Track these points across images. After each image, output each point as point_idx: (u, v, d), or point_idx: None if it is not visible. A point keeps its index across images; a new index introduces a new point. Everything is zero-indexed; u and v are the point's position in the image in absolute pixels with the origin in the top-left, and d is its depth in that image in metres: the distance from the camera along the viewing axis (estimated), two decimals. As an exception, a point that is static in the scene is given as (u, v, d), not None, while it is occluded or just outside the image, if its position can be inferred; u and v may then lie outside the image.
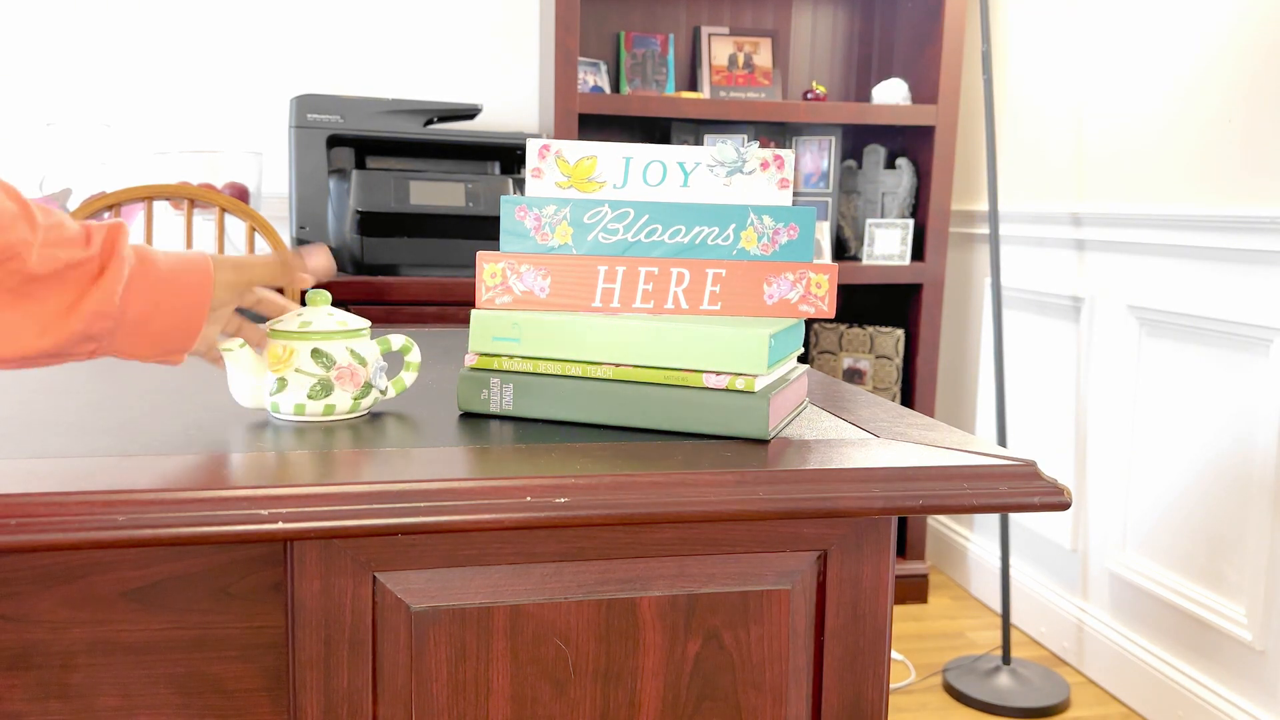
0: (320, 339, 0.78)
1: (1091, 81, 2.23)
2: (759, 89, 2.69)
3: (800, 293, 0.80)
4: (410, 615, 0.69)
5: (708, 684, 0.74)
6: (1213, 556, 1.87)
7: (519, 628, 0.70)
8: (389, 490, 0.63)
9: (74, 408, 0.82)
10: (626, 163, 0.81)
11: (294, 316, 0.79)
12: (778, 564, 0.74)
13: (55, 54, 2.45)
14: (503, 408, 0.81)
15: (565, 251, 0.81)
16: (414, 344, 0.86)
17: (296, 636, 0.67)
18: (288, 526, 0.61)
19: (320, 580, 0.67)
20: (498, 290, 0.81)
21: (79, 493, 0.60)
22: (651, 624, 0.72)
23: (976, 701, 2.05)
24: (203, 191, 1.97)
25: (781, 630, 0.74)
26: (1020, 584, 2.44)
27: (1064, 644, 2.27)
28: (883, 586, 0.75)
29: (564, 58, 2.31)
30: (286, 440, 0.73)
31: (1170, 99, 1.99)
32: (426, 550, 0.68)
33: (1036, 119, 2.43)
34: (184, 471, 0.65)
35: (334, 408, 0.79)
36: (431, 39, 2.61)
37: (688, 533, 0.72)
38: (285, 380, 0.78)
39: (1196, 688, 1.89)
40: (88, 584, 0.66)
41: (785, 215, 0.80)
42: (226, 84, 2.53)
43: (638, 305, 0.80)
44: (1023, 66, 2.48)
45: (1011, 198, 2.51)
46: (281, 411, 0.79)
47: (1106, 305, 2.16)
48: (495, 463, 0.68)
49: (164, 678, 0.67)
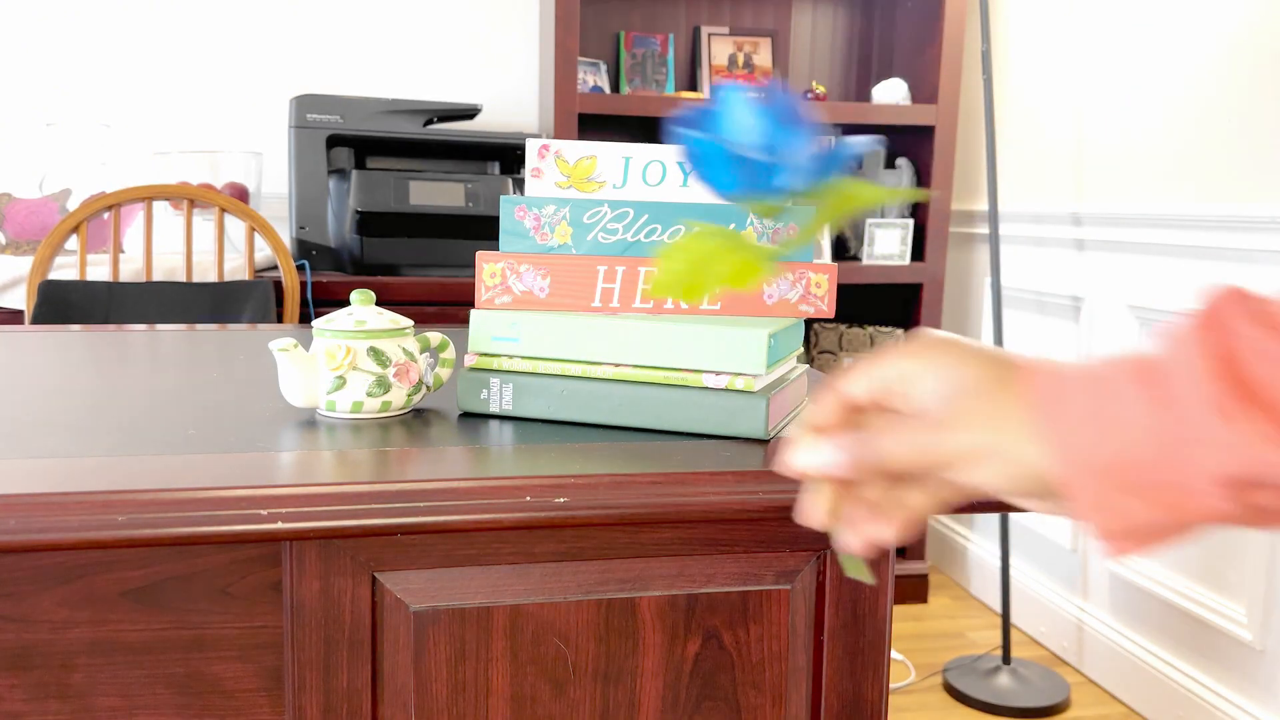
0: (377, 337, 0.79)
1: (1091, 81, 2.23)
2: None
3: (800, 292, 0.80)
4: (410, 615, 0.68)
5: (707, 684, 0.73)
6: (1213, 556, 1.87)
7: (519, 627, 0.70)
8: (388, 490, 0.63)
9: (73, 408, 0.82)
10: (626, 162, 0.81)
11: (347, 316, 0.80)
12: (777, 564, 0.74)
13: (55, 54, 2.45)
14: (502, 408, 0.81)
15: (565, 251, 0.81)
16: (450, 341, 0.87)
17: (296, 637, 0.67)
18: (287, 526, 0.61)
19: (320, 580, 0.67)
20: (497, 290, 0.81)
21: (78, 493, 0.60)
22: (651, 624, 0.72)
23: (976, 701, 2.05)
24: (202, 192, 1.97)
25: (781, 630, 0.74)
26: (1020, 584, 2.44)
27: (1064, 644, 2.27)
28: (883, 586, 0.75)
29: (564, 58, 2.31)
30: (343, 438, 0.73)
31: (1170, 98, 1.99)
32: (426, 550, 0.68)
33: (1036, 119, 2.43)
34: (183, 471, 0.64)
35: (390, 404, 0.80)
36: (431, 39, 2.61)
37: (687, 532, 0.72)
38: (344, 379, 0.79)
39: (1196, 687, 1.89)
40: (87, 584, 0.66)
41: (785, 215, 0.80)
42: (226, 84, 2.53)
43: (637, 305, 0.80)
44: (1023, 66, 2.48)
45: (1011, 197, 2.51)
46: (338, 410, 0.79)
47: (1106, 305, 2.16)
48: (495, 462, 0.68)
49: (163, 678, 0.67)
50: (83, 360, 1.04)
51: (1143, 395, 0.46)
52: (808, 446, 0.53)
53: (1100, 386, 0.48)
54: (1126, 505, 0.47)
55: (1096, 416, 0.47)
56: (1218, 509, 0.46)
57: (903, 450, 0.51)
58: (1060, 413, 0.48)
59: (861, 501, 0.55)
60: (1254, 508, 0.46)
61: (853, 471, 0.52)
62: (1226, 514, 0.46)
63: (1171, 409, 0.46)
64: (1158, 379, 0.46)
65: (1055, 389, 0.49)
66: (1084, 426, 0.48)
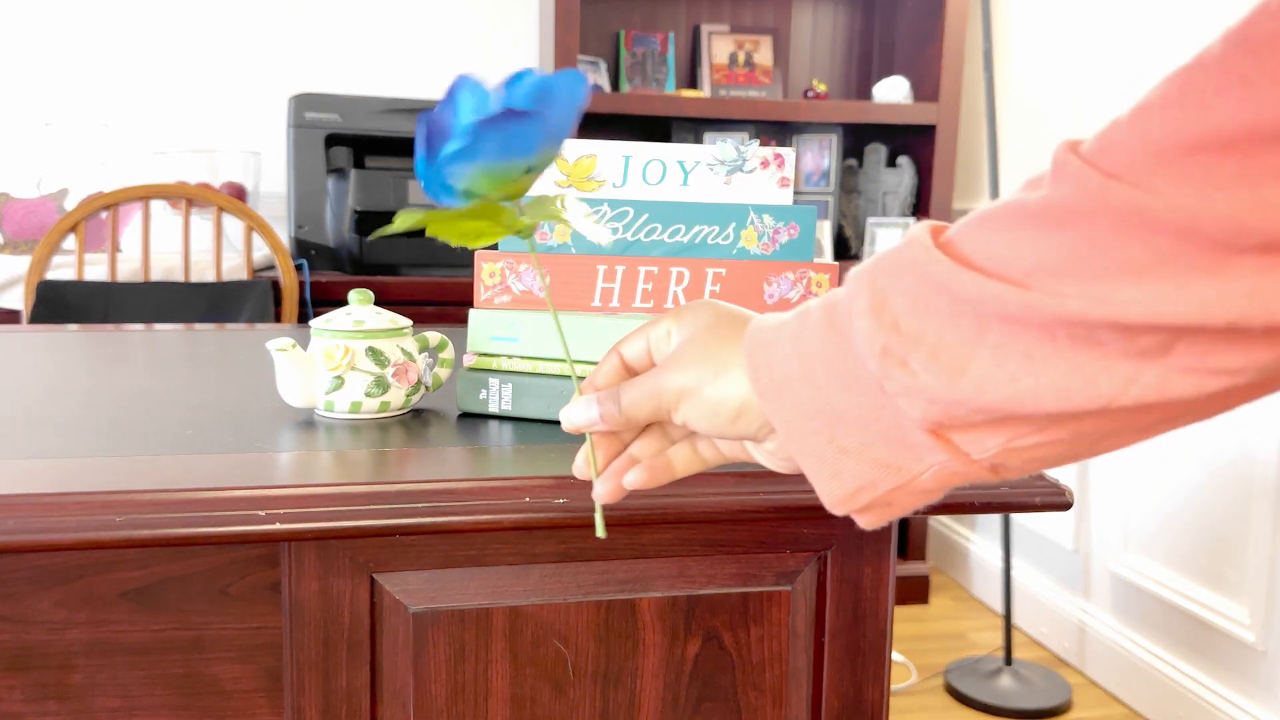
0: (375, 337, 0.79)
1: (1094, 79, 2.23)
2: (759, 87, 2.69)
3: (801, 292, 0.80)
4: (409, 616, 0.68)
5: (708, 685, 0.73)
6: (1214, 557, 1.87)
7: (518, 629, 0.70)
8: (387, 491, 0.63)
9: (72, 407, 0.82)
10: (626, 161, 0.81)
11: (345, 315, 0.80)
12: (778, 564, 0.73)
13: (53, 54, 2.45)
14: (501, 408, 0.80)
15: (564, 251, 0.81)
16: (448, 341, 0.87)
17: (295, 638, 0.67)
18: (285, 527, 0.61)
19: (318, 581, 0.67)
20: (496, 290, 0.81)
21: (76, 493, 0.60)
22: (651, 625, 0.72)
23: (978, 703, 2.04)
24: (200, 191, 1.97)
25: (782, 631, 0.74)
26: (1022, 585, 2.43)
27: (1066, 645, 2.27)
28: (883, 587, 0.75)
29: (563, 56, 2.30)
30: (341, 439, 0.73)
31: (1171, 98, 1.99)
32: (425, 551, 0.68)
33: (1039, 117, 2.42)
34: (182, 472, 0.64)
35: (389, 404, 0.80)
36: (430, 37, 2.61)
37: (687, 533, 0.71)
38: (342, 379, 0.78)
39: (1198, 689, 1.89)
40: (86, 584, 0.65)
41: (786, 214, 0.80)
42: (224, 83, 2.52)
43: (637, 305, 0.80)
44: (1024, 64, 2.48)
45: (1012, 197, 2.51)
46: (336, 410, 0.79)
47: (1107, 304, 2.15)
48: (494, 463, 0.68)
49: (162, 678, 0.67)
50: (80, 360, 1.04)
51: (829, 338, 0.48)
52: (575, 403, 0.57)
53: (800, 327, 0.49)
54: (841, 464, 0.48)
55: (794, 357, 0.49)
56: (933, 462, 0.46)
57: (635, 395, 0.55)
58: (765, 353, 0.50)
59: (629, 456, 0.58)
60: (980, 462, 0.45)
61: (610, 423, 0.56)
62: (952, 470, 0.46)
63: (849, 357, 0.46)
64: (838, 322, 0.47)
65: (766, 332, 0.51)
66: (784, 364, 0.49)
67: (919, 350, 0.44)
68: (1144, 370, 0.40)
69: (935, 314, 0.44)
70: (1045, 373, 0.41)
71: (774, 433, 0.52)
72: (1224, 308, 0.37)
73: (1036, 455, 0.45)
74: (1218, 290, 0.37)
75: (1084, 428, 0.43)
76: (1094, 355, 0.40)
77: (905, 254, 0.46)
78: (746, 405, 0.51)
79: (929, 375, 0.44)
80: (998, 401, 0.43)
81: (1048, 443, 0.44)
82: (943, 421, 0.45)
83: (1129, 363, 0.40)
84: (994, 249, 0.43)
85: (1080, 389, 0.41)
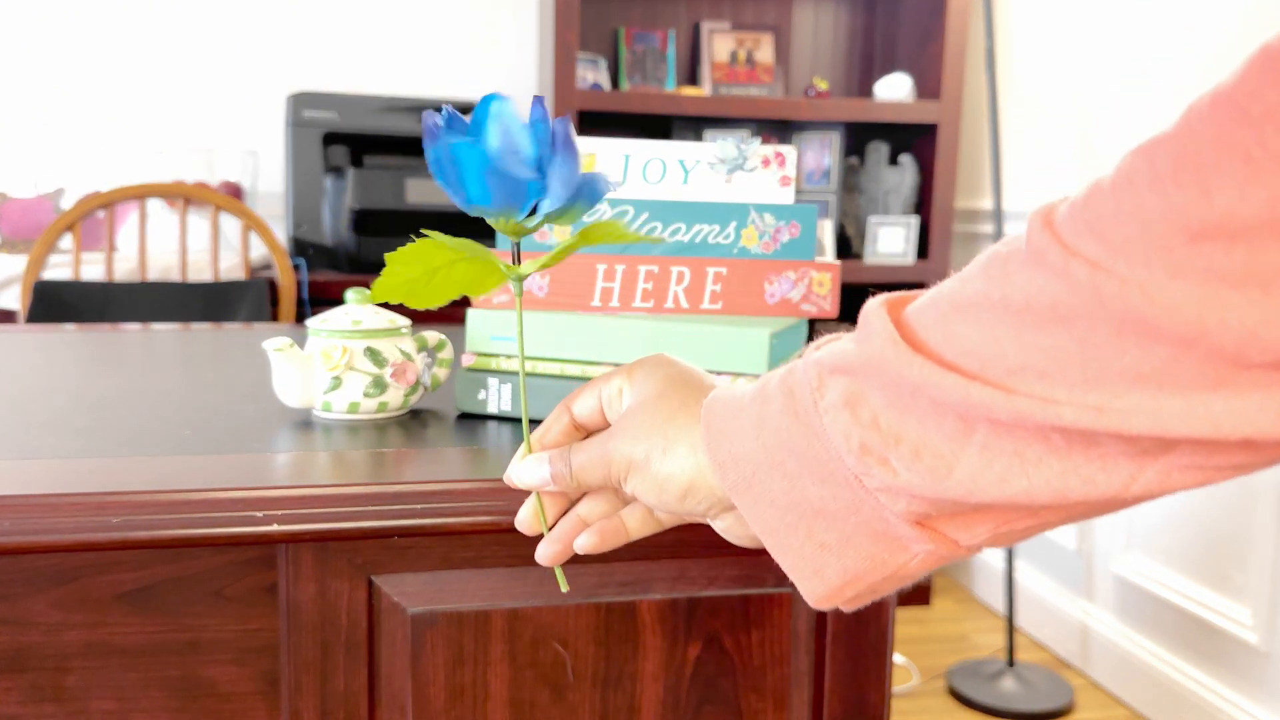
0: (373, 337, 0.79)
1: (1097, 77, 2.22)
2: (760, 85, 2.68)
3: (802, 292, 0.79)
4: (407, 618, 0.68)
5: (708, 688, 0.73)
6: (1218, 558, 1.86)
7: (517, 631, 0.69)
8: (385, 492, 0.62)
9: (67, 408, 0.82)
10: (626, 160, 0.80)
11: (343, 315, 0.79)
12: (779, 566, 0.73)
13: (49, 53, 2.44)
14: (500, 408, 0.80)
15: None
16: (447, 341, 0.86)
17: (292, 640, 0.66)
18: (282, 529, 0.61)
19: (316, 583, 0.66)
20: (495, 289, 0.81)
21: (73, 494, 0.59)
22: (651, 627, 0.71)
23: (980, 705, 2.04)
24: (197, 190, 1.96)
25: (783, 633, 0.73)
26: (1024, 586, 2.43)
27: (1068, 647, 2.27)
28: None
29: (563, 54, 2.30)
30: (339, 439, 0.73)
31: (1177, 94, 1.98)
32: (423, 553, 0.67)
33: (1041, 115, 2.42)
34: (178, 473, 0.64)
35: (387, 404, 0.79)
36: (429, 35, 2.60)
37: (688, 534, 0.71)
38: (340, 379, 0.78)
39: (1201, 690, 1.89)
40: (82, 586, 0.65)
41: (787, 213, 0.79)
42: (221, 82, 2.52)
43: (637, 304, 0.79)
44: (1027, 62, 2.47)
45: (1016, 195, 2.50)
46: (334, 410, 0.79)
47: (1109, 304, 2.15)
48: (493, 464, 0.68)
49: (158, 681, 0.67)
50: (77, 360, 1.03)
51: (795, 428, 0.45)
52: (525, 462, 0.55)
53: (762, 415, 0.46)
54: (823, 561, 0.46)
55: (760, 449, 0.46)
56: (919, 551, 0.44)
57: (584, 460, 0.53)
58: (728, 445, 0.47)
59: (577, 517, 0.56)
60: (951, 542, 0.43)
61: (561, 485, 0.54)
62: (940, 556, 0.44)
63: (821, 450, 0.44)
64: (802, 412, 0.44)
65: (724, 420, 0.48)
66: (751, 458, 0.46)
67: (900, 449, 0.41)
68: (1145, 468, 0.38)
69: (915, 413, 0.41)
70: (1039, 474, 0.39)
71: (726, 511, 0.51)
72: (1234, 424, 0.34)
73: (1029, 532, 0.43)
74: (1226, 405, 0.34)
75: (1080, 510, 0.41)
76: (1091, 456, 0.38)
77: (872, 349, 0.42)
78: (694, 484, 0.49)
79: (912, 474, 0.41)
80: (989, 500, 0.40)
81: (1040, 524, 0.42)
82: (930, 513, 0.42)
83: (1129, 462, 0.38)
84: (969, 344, 0.39)
85: (1078, 487, 0.38)
